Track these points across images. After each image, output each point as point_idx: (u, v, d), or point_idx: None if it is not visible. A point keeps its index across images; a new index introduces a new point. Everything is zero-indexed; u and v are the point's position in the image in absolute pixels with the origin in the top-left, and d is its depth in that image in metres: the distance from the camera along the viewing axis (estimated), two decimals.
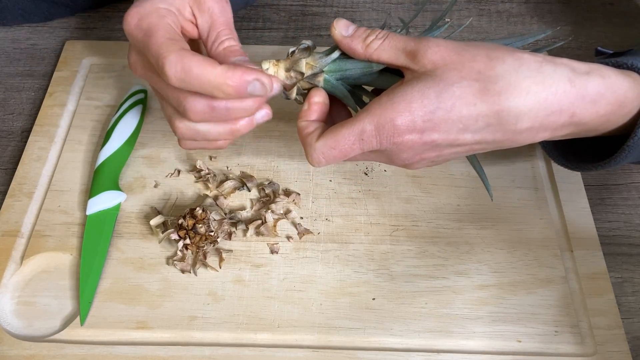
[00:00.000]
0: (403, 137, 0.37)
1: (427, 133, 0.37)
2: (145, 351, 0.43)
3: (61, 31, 0.65)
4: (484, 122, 0.36)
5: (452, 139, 0.37)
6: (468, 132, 0.37)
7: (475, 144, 0.38)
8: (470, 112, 0.36)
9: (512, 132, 0.37)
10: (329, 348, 0.44)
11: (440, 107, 0.36)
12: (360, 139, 0.38)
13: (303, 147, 0.41)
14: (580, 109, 0.37)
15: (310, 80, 0.42)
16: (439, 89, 0.36)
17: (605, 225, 0.52)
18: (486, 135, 0.37)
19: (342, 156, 0.39)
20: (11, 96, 0.60)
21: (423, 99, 0.36)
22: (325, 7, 0.69)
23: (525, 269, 0.48)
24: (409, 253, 0.49)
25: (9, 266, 0.47)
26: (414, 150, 0.38)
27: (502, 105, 0.36)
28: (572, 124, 0.38)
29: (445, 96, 0.36)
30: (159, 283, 0.46)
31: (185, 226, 0.46)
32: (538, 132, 0.38)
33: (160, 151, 0.55)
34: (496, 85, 0.36)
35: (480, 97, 0.36)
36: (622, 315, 0.46)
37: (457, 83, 0.36)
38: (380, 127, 0.37)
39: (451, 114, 0.36)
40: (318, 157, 0.40)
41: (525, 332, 0.45)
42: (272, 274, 0.47)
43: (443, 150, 0.39)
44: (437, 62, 0.37)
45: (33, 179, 0.52)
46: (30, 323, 0.45)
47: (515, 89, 0.36)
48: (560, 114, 0.37)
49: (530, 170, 0.54)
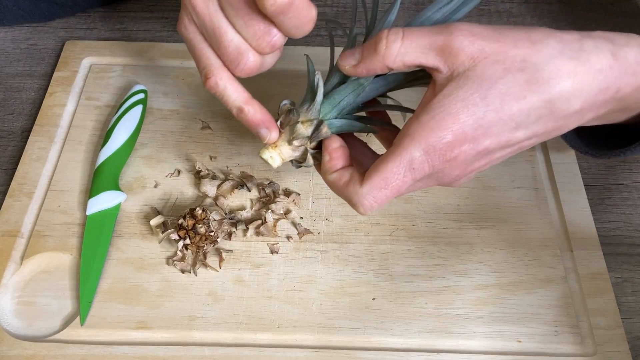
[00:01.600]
0: (455, 152, 0.34)
1: (480, 141, 0.34)
2: (145, 351, 0.43)
3: (61, 31, 0.65)
4: (536, 114, 0.34)
5: (505, 140, 0.34)
6: (520, 130, 0.34)
7: (525, 140, 0.35)
8: (522, 107, 0.33)
9: (563, 118, 0.35)
10: (329, 348, 0.44)
11: (489, 110, 0.33)
12: (411, 168, 0.34)
13: (347, 199, 0.37)
14: (624, 83, 0.35)
15: (316, 137, 0.39)
16: (484, 90, 0.33)
17: (605, 225, 0.52)
18: (537, 128, 0.35)
19: (395, 194, 0.35)
20: (11, 96, 0.60)
21: (469, 107, 0.33)
22: (325, 7, 0.69)
23: (525, 269, 0.48)
24: (409, 253, 0.49)
25: (9, 266, 0.47)
26: (465, 165, 0.35)
27: (552, 92, 0.33)
28: (615, 100, 0.36)
29: (492, 96, 0.33)
30: (159, 283, 0.46)
31: (185, 226, 0.46)
32: (586, 113, 0.35)
33: (160, 151, 0.55)
34: (543, 72, 0.33)
35: (529, 89, 0.33)
36: (622, 315, 0.46)
37: (502, 78, 0.33)
38: (431, 149, 0.33)
39: (501, 114, 0.33)
40: (370, 203, 0.35)
41: (525, 332, 0.45)
42: (272, 274, 0.47)
43: (494, 155, 0.36)
44: (476, 56, 0.33)
45: (33, 179, 0.52)
46: (30, 323, 0.45)
47: (563, 72, 0.33)
48: (607, 91, 0.35)
49: (530, 170, 0.54)
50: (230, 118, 0.57)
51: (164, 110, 0.58)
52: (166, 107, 0.58)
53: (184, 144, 0.55)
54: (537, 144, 0.38)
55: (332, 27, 0.39)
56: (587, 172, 0.55)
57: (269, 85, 0.59)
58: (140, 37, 0.64)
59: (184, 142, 0.55)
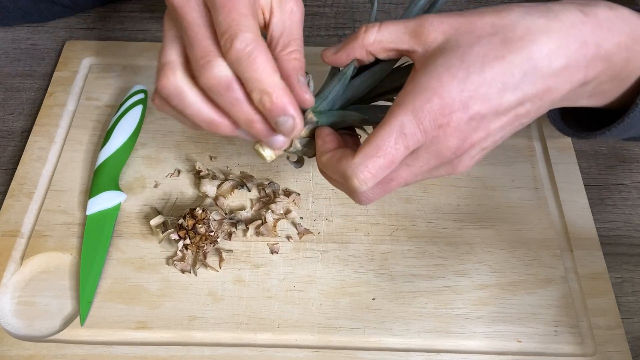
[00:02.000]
0: (446, 117, 0.34)
1: (469, 105, 0.34)
2: (145, 351, 0.43)
3: (61, 31, 0.65)
4: (520, 72, 0.34)
5: (496, 104, 0.35)
6: (508, 91, 0.34)
7: (519, 106, 0.35)
8: (503, 66, 0.34)
9: (550, 77, 0.35)
10: (329, 348, 0.44)
11: (470, 72, 0.34)
12: (402, 133, 0.34)
13: (341, 175, 0.36)
14: (602, 38, 0.36)
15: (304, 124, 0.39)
16: (461, 54, 0.34)
17: (605, 225, 0.52)
18: (527, 89, 0.35)
19: (389, 163, 0.35)
20: (11, 96, 0.60)
21: (450, 70, 0.34)
22: (325, 7, 0.69)
23: (525, 269, 0.48)
24: (409, 253, 0.49)
25: (9, 266, 0.47)
26: (461, 133, 0.35)
27: (530, 48, 0.34)
28: (600, 58, 0.36)
29: (470, 58, 0.34)
30: (159, 283, 0.46)
31: (185, 226, 0.46)
32: (573, 71, 0.36)
33: (160, 151, 0.55)
34: (516, 31, 0.34)
35: (505, 48, 0.34)
36: (622, 315, 0.46)
37: (476, 43, 0.34)
38: (419, 112, 0.34)
39: (484, 75, 0.34)
40: (363, 174, 0.35)
41: (525, 332, 0.45)
42: (272, 274, 0.47)
43: (490, 124, 0.36)
44: (446, 31, 0.35)
45: (33, 179, 0.52)
46: (30, 323, 0.45)
47: (536, 30, 0.34)
48: (587, 46, 0.35)
49: (530, 170, 0.54)
50: None
51: None
52: None
53: (184, 144, 0.55)
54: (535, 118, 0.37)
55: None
56: (587, 172, 0.55)
57: None
58: (140, 37, 0.64)
59: (184, 142, 0.55)
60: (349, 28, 0.67)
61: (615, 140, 0.57)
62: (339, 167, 0.36)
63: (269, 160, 0.40)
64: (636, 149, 0.57)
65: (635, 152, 0.57)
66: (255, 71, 0.34)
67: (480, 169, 0.54)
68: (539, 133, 0.56)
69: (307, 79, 0.40)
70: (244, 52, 0.34)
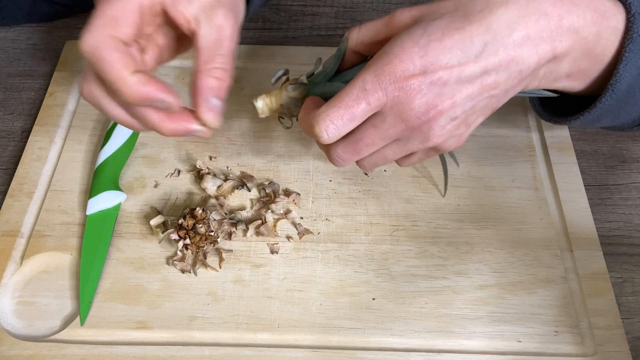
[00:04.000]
0: (407, 81, 0.36)
1: (430, 70, 0.36)
2: (145, 351, 0.43)
3: (61, 31, 0.65)
4: (480, 41, 0.36)
5: (457, 71, 0.36)
6: (470, 60, 0.36)
7: (484, 75, 0.37)
8: (463, 35, 0.36)
9: (512, 46, 0.36)
10: (329, 348, 0.44)
11: (431, 39, 0.36)
12: (363, 89, 0.37)
13: (308, 127, 0.39)
14: (564, 10, 0.37)
15: (294, 83, 0.44)
16: (424, 26, 0.37)
17: (605, 225, 0.52)
18: (489, 59, 0.36)
19: (350, 114, 0.37)
20: (11, 96, 0.60)
21: (413, 37, 0.36)
22: (325, 7, 0.69)
23: (525, 269, 0.48)
24: (409, 253, 0.49)
25: (9, 266, 0.47)
26: (423, 97, 0.37)
27: (489, 18, 0.36)
28: (565, 30, 0.37)
29: (432, 29, 0.36)
30: (159, 283, 0.46)
31: (185, 226, 0.46)
32: (537, 42, 0.37)
33: (160, 151, 0.55)
34: (475, 6, 0.37)
35: (466, 19, 0.36)
36: (622, 315, 0.46)
37: (439, 18, 0.37)
38: (380, 72, 0.36)
39: (444, 43, 0.36)
40: (325, 123, 0.38)
41: (525, 332, 0.45)
42: (272, 274, 0.47)
43: (455, 93, 0.37)
44: (414, 15, 0.38)
45: (33, 179, 0.52)
46: (30, 323, 0.45)
47: (495, 2, 0.36)
48: (548, 17, 0.37)
49: (530, 170, 0.54)
50: (230, 118, 0.57)
51: None
52: None
53: (184, 144, 0.55)
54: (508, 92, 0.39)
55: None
56: (587, 172, 0.55)
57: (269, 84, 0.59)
58: None
59: (184, 142, 0.55)
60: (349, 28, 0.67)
61: (615, 140, 0.57)
62: (307, 118, 0.39)
63: (260, 111, 0.45)
64: (636, 149, 0.57)
65: (635, 152, 0.57)
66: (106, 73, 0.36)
67: (480, 169, 0.54)
68: (539, 133, 0.56)
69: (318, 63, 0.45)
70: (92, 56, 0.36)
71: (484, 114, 0.40)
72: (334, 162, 0.42)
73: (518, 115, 0.58)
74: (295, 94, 0.44)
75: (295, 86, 0.44)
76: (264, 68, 0.60)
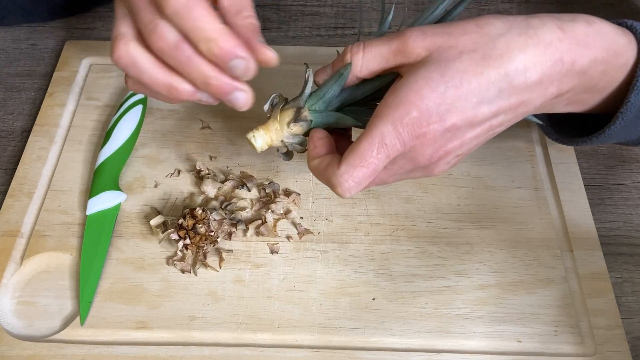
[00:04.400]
0: (423, 129, 0.36)
1: (445, 117, 0.36)
2: (145, 351, 0.43)
3: (61, 31, 0.65)
4: (496, 88, 0.36)
5: (471, 117, 0.36)
6: (484, 105, 0.36)
7: (493, 118, 0.37)
8: (480, 82, 0.36)
9: (524, 91, 0.37)
10: (329, 348, 0.44)
11: (449, 86, 0.35)
12: (383, 144, 0.36)
13: (328, 183, 0.38)
14: (578, 55, 0.37)
15: (298, 120, 0.41)
16: (442, 69, 0.36)
17: (605, 225, 0.52)
18: (502, 103, 0.37)
19: (371, 172, 0.37)
20: (11, 96, 0.60)
21: (430, 83, 0.36)
22: (325, 7, 0.69)
23: (525, 269, 0.48)
24: (409, 253, 0.49)
25: (9, 266, 0.47)
26: (436, 143, 0.37)
27: (507, 65, 0.36)
28: (575, 73, 0.38)
29: (450, 73, 0.36)
30: (159, 283, 0.46)
31: (185, 226, 0.46)
32: (547, 86, 0.37)
33: (160, 151, 0.55)
34: (495, 49, 0.36)
35: (484, 64, 0.36)
36: (622, 315, 0.46)
37: (458, 58, 0.36)
38: (398, 124, 0.36)
39: (462, 90, 0.36)
40: (347, 182, 0.37)
41: (525, 332, 0.45)
42: (272, 274, 0.47)
43: (464, 134, 0.37)
44: (430, 47, 0.37)
45: (33, 179, 0.52)
46: (30, 323, 0.45)
47: (515, 47, 0.36)
48: (562, 63, 0.37)
49: (530, 170, 0.54)
50: (230, 118, 0.57)
51: (164, 110, 0.58)
52: (166, 107, 0.58)
53: (184, 144, 0.55)
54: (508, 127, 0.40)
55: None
56: (587, 172, 0.55)
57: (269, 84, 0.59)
58: None
59: (184, 142, 0.55)
60: (349, 28, 0.67)
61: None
62: (325, 173, 0.38)
63: (259, 149, 0.42)
64: (636, 149, 0.57)
65: (636, 152, 0.57)
66: (194, 20, 0.34)
67: (480, 169, 0.54)
68: (539, 134, 0.56)
69: (308, 72, 0.41)
70: (180, 4, 0.34)
71: (482, 144, 0.41)
72: (338, 194, 0.39)
73: None
74: (299, 131, 0.42)
75: (300, 124, 0.41)
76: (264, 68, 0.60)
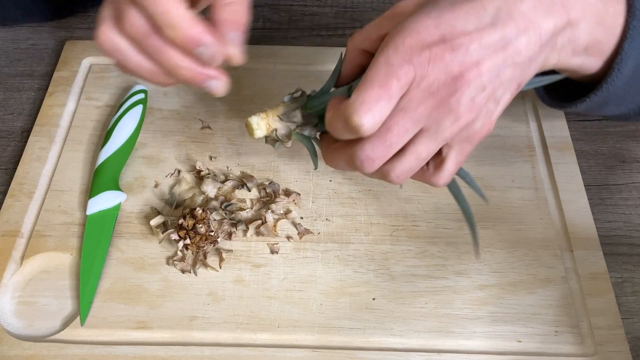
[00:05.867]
0: (429, 49, 0.35)
1: (448, 37, 0.35)
2: (145, 351, 0.43)
3: (61, 31, 0.65)
4: (492, 7, 0.35)
5: (477, 38, 0.35)
6: (486, 27, 0.35)
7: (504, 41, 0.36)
8: (474, 3, 0.35)
9: (526, 10, 0.36)
10: (329, 348, 0.44)
11: (442, 11, 0.35)
12: (389, 64, 0.35)
13: (343, 119, 0.36)
14: None
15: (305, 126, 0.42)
16: (433, 2, 0.36)
17: (605, 225, 0.52)
18: (506, 24, 0.35)
19: (387, 95, 0.35)
20: (11, 96, 0.60)
21: (424, 11, 0.36)
22: (325, 7, 0.69)
23: (525, 269, 0.48)
24: (409, 253, 0.49)
25: (9, 266, 0.47)
26: (447, 66, 0.35)
27: None
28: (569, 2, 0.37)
29: (442, 3, 0.36)
30: (159, 283, 0.46)
31: (186, 226, 0.46)
32: (549, 7, 0.37)
33: (160, 151, 0.55)
34: None
35: None
36: (622, 315, 0.46)
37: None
38: (400, 45, 0.35)
39: (456, 11, 0.35)
40: (362, 109, 0.35)
41: (525, 332, 0.45)
42: (272, 274, 0.47)
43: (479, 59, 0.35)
44: (418, 2, 0.38)
45: (33, 179, 0.52)
46: (30, 323, 0.45)
47: None
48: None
49: (530, 170, 0.54)
50: (230, 118, 0.57)
51: (164, 110, 0.58)
52: (166, 107, 0.58)
53: (184, 144, 0.55)
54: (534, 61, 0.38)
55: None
56: (587, 172, 0.55)
57: (269, 84, 0.59)
58: None
59: (184, 142, 0.55)
60: (349, 28, 0.67)
61: (615, 140, 0.57)
62: (339, 112, 0.36)
63: (256, 136, 0.42)
64: (636, 149, 0.57)
65: (635, 152, 0.57)
66: (157, 4, 0.34)
67: (480, 169, 0.54)
68: (539, 133, 0.56)
69: (299, 92, 0.43)
70: None
71: (510, 89, 0.38)
72: (363, 165, 0.37)
73: (518, 115, 0.58)
74: (292, 106, 0.42)
75: (291, 97, 0.42)
76: (264, 68, 0.60)
